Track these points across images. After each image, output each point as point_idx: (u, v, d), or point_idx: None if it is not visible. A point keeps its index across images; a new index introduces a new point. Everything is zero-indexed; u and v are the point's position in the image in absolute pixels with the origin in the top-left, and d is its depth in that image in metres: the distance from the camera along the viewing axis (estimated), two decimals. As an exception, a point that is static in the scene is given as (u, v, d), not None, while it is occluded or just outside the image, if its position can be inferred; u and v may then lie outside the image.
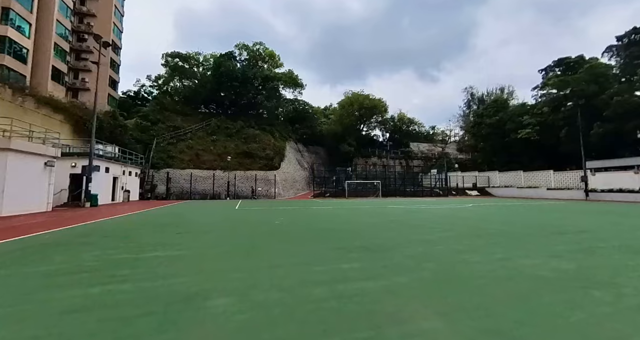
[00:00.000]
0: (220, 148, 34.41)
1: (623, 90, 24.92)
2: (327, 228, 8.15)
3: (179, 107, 40.82)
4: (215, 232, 7.57)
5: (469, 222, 9.72)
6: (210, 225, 8.96)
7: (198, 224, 9.45)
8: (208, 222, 9.82)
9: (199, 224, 9.27)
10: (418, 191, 36.07)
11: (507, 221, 9.95)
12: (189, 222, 9.78)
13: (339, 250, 5.18)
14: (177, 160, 30.80)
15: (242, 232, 7.65)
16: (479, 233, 7.20)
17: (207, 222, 9.82)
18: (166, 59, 45.32)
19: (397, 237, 6.58)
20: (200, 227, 8.49)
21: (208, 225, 9.11)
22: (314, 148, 49.43)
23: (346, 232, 7.33)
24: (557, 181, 31.61)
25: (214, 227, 8.70)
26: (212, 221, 10.20)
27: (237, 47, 45.77)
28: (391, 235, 6.85)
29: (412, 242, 6.04)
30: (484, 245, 5.67)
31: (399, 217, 11.10)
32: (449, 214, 12.23)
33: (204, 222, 10.02)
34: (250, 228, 8.42)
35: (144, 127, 32.52)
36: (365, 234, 7.12)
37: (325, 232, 7.35)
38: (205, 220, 10.40)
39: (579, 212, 13.80)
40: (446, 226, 8.46)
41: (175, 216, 12.03)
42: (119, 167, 21.15)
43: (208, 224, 9.47)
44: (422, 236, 6.71)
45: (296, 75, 45.29)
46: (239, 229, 8.31)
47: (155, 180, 28.18)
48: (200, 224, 9.28)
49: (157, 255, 4.79)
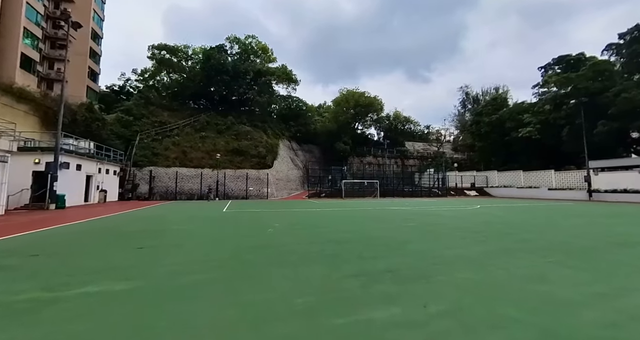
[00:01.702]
0: (210, 145, 32.43)
1: (630, 87, 24.12)
2: (334, 239, 6.57)
3: (166, 102, 38.58)
4: (189, 245, 5.89)
5: (499, 227, 8.28)
6: (186, 235, 7.26)
7: (173, 232, 7.74)
8: (186, 230, 8.12)
9: (174, 233, 7.56)
10: (416, 191, 34.88)
11: (547, 228, 8.56)
12: (163, 230, 8.05)
13: (360, 279, 3.62)
14: (162, 157, 28.71)
15: (224, 245, 6.00)
16: (530, 245, 5.75)
17: (184, 230, 8.11)
18: (152, 51, 42.88)
19: (427, 253, 5.06)
20: (173, 238, 6.79)
21: (184, 233, 7.41)
22: (308, 146, 47.80)
23: (359, 245, 5.78)
24: (558, 181, 30.86)
25: (190, 236, 7.01)
26: (191, 228, 8.49)
27: (228, 40, 43.66)
28: (418, 250, 5.33)
29: (454, 259, 4.52)
30: (558, 265, 4.19)
31: (411, 222, 9.62)
32: (464, 217, 10.83)
33: (181, 229, 8.31)
34: (236, 239, 6.77)
35: (126, 122, 30.26)
36: (385, 247, 5.58)
37: (333, 246, 5.77)
38: (183, 227, 8.68)
39: (609, 215, 12.59)
40: (480, 234, 7.00)
41: (150, 221, 10.25)
42: (94, 165, 19.10)
43: (185, 231, 7.77)
44: (460, 250, 5.21)
45: (290, 70, 43.49)
46: (221, 240, 6.65)
47: (137, 179, 26.07)
48: (175, 233, 7.57)
49: (85, 293, 3.12)
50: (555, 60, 35.22)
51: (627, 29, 28.06)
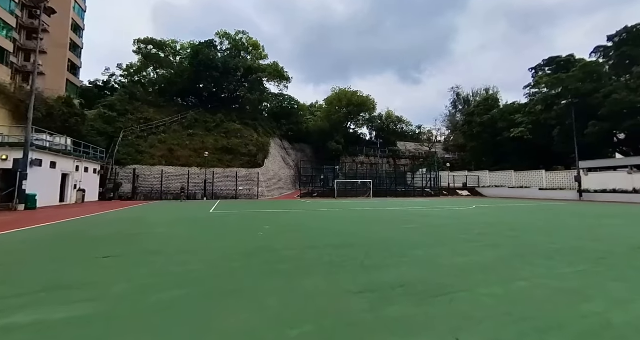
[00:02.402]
0: (198, 143, 31.30)
1: (620, 89, 24.37)
2: (332, 243, 5.91)
3: (152, 98, 37.15)
4: (166, 252, 5.13)
5: (503, 229, 7.77)
6: (165, 239, 6.47)
7: (150, 236, 6.93)
8: (166, 234, 7.31)
9: (151, 237, 6.76)
10: (409, 191, 34.63)
11: (553, 229, 8.13)
12: (139, 234, 7.23)
13: (367, 297, 2.98)
14: (147, 155, 27.47)
15: (207, 251, 5.26)
16: (543, 250, 5.23)
17: (164, 234, 7.31)
18: (138, 45, 41.26)
19: (437, 260, 4.46)
20: (149, 243, 6.00)
21: (163, 238, 6.61)
22: (299, 145, 47.03)
23: (360, 251, 5.14)
24: (549, 181, 31.10)
25: (170, 241, 6.23)
26: (172, 232, 7.69)
27: (218, 36, 42.41)
28: (426, 256, 4.72)
29: (468, 268, 3.93)
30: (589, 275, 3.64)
31: (411, 223, 9.06)
32: (463, 218, 10.36)
33: (160, 232, 7.50)
34: (222, 244, 6.03)
35: (108, 118, 28.83)
36: (389, 253, 4.95)
37: (331, 252, 5.12)
38: (163, 230, 7.87)
39: (608, 216, 12.37)
40: (486, 237, 6.47)
41: (127, 223, 9.37)
42: (71, 162, 17.88)
43: (165, 236, 6.97)
44: (471, 256, 4.63)
45: (282, 67, 42.53)
46: (205, 245, 5.90)
47: (120, 178, 24.80)
48: (152, 237, 6.77)
49: (8, 326, 2.36)
50: (546, 62, 35.56)
51: (616, 32, 28.44)
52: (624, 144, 30.22)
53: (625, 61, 27.59)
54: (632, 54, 27.03)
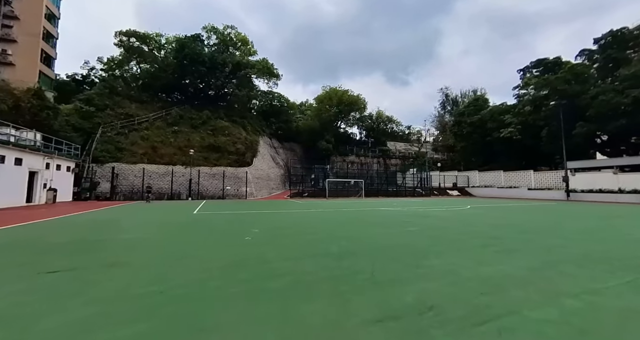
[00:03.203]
0: (183, 140, 29.91)
1: (607, 90, 24.74)
2: (331, 251, 5.15)
3: (134, 93, 35.32)
4: (133, 265, 4.24)
5: (511, 231, 7.21)
6: (135, 247, 5.54)
7: (118, 243, 5.97)
8: (138, 240, 6.36)
9: (119, 245, 5.80)
10: (400, 191, 34.32)
11: (565, 232, 7.65)
12: (106, 241, 6.25)
13: (388, 328, 2.23)
14: (127, 153, 25.92)
15: (183, 263, 4.39)
16: (571, 257, 4.64)
17: (135, 240, 6.35)
18: (120, 37, 39.24)
19: (459, 272, 3.78)
20: (113, 253, 5.06)
21: (133, 246, 5.67)
22: (289, 144, 46.09)
23: (366, 260, 4.40)
24: (537, 181, 31.42)
25: (140, 250, 5.31)
26: (146, 237, 6.73)
27: (205, 30, 40.89)
28: (444, 266, 4.03)
29: (502, 282, 3.25)
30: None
31: (412, 225, 8.41)
32: (464, 219, 9.83)
33: (131, 238, 6.53)
34: (204, 253, 5.16)
35: (86, 113, 27.06)
36: (400, 264, 4.24)
37: (332, 262, 4.36)
38: (136, 235, 6.90)
39: (608, 216, 12.15)
40: (499, 241, 5.85)
41: (96, 227, 8.31)
42: (40, 159, 16.39)
43: (136, 242, 6.02)
44: (497, 266, 3.97)
45: (271, 63, 41.47)
46: (182, 254, 5.01)
47: (98, 177, 23.21)
48: (120, 244, 5.81)
49: None
50: (534, 64, 36.04)
51: (602, 35, 28.98)
52: (607, 145, 30.88)
53: (611, 64, 28.15)
54: (617, 57, 27.61)
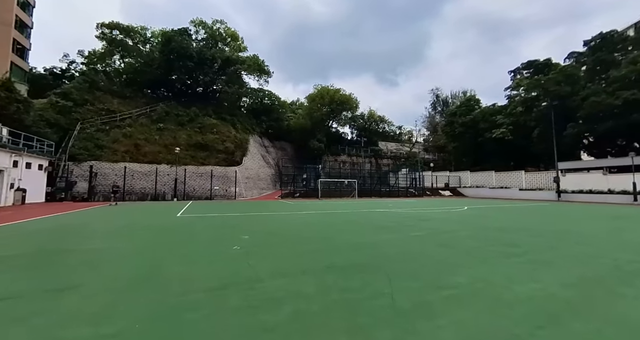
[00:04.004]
0: (169, 138, 28.56)
1: (598, 92, 24.95)
2: (335, 264, 4.37)
3: (117, 88, 33.61)
4: (86, 289, 3.35)
5: (525, 236, 6.61)
6: (96, 263, 4.61)
7: (79, 256, 5.02)
8: (102, 251, 5.41)
9: (79, 259, 4.85)
10: (393, 191, 33.90)
11: (582, 236, 7.12)
12: (65, 252, 5.28)
13: None
14: (108, 151, 24.43)
15: (151, 286, 3.53)
16: (617, 269, 4.03)
17: (99, 251, 5.40)
18: (102, 30, 37.31)
19: (496, 291, 3.08)
20: (69, 270, 4.13)
21: (95, 260, 4.74)
22: (280, 143, 45.12)
23: (379, 277, 3.65)
24: (528, 182, 31.58)
25: (101, 267, 4.39)
26: (114, 247, 5.79)
27: (193, 24, 39.44)
28: (477, 285, 3.32)
29: (561, 313, 2.55)
30: None
31: (416, 229, 7.74)
32: (467, 221, 9.26)
33: (95, 249, 5.57)
34: (181, 269, 4.29)
35: (62, 107, 25.36)
36: (421, 282, 3.51)
37: (339, 278, 3.59)
38: (101, 245, 5.93)
39: (612, 217, 11.83)
40: (521, 249, 5.21)
41: (59, 235, 7.27)
42: (7, 156, 14.96)
43: (99, 256, 5.07)
44: (537, 282, 3.29)
45: (262, 60, 40.35)
46: (152, 272, 4.13)
47: (74, 176, 21.70)
48: (81, 259, 4.86)
49: None
50: (524, 65, 36.36)
51: (592, 37, 29.31)
52: (594, 146, 31.32)
53: (600, 66, 28.48)
54: (606, 59, 27.95)
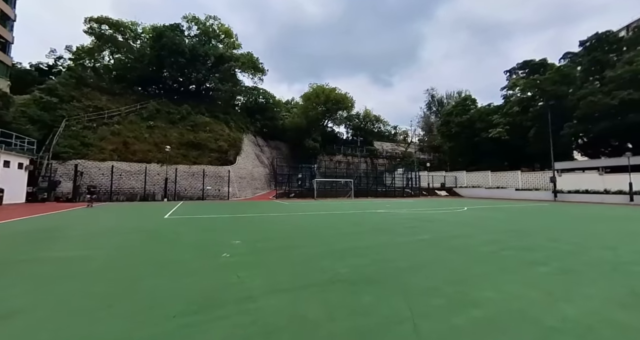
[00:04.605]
0: (159, 136, 27.63)
1: (595, 92, 24.91)
2: (341, 277, 3.79)
3: (106, 84, 32.49)
4: (29, 315, 2.71)
5: (540, 239, 6.12)
6: (59, 276, 3.94)
7: (40, 267, 4.33)
8: (71, 262, 4.73)
9: (40, 270, 4.17)
10: (389, 191, 33.51)
11: (603, 239, 6.68)
12: (23, 262, 4.59)
13: None
14: (95, 149, 23.44)
15: (118, 309, 2.89)
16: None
17: (64, 261, 4.71)
18: (91, 25, 36.07)
19: (535, 312, 2.55)
20: (21, 287, 3.47)
21: (59, 272, 4.07)
22: (275, 143, 44.36)
23: (393, 292, 3.08)
24: (525, 182, 31.51)
25: (63, 281, 3.73)
26: (84, 257, 5.10)
27: (186, 20, 38.39)
28: (511, 303, 2.78)
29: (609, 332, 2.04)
30: None
31: (420, 232, 7.21)
32: (472, 223, 8.79)
33: (60, 258, 4.88)
34: (158, 282, 3.65)
35: (47, 103, 24.25)
36: (440, 295, 2.94)
37: (347, 295, 3.02)
38: (67, 254, 5.24)
39: (619, 218, 11.50)
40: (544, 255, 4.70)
41: (26, 240, 6.53)
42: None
43: (65, 266, 4.40)
44: (581, 299, 2.76)
45: (257, 58, 39.57)
46: (124, 287, 3.50)
47: (59, 175, 20.69)
48: (41, 270, 4.18)
49: None
50: (520, 65, 36.37)
51: (587, 37, 29.40)
52: (588, 146, 31.43)
53: (596, 66, 28.54)
54: (602, 59, 28.02)
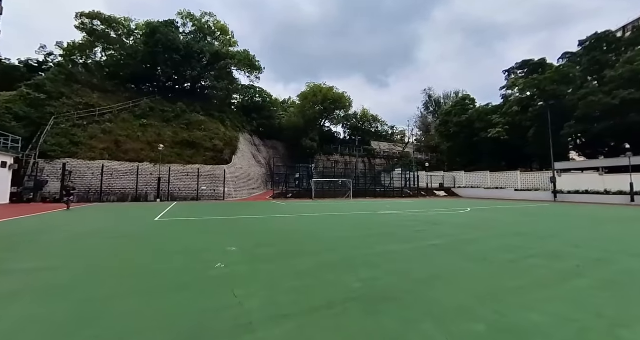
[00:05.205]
0: (152, 135, 26.84)
1: (595, 91, 24.73)
2: (354, 295, 3.26)
3: (97, 81, 31.58)
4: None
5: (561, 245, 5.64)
6: (13, 294, 3.35)
7: (3, 280, 3.74)
8: (31, 273, 4.10)
9: (2, 284, 3.58)
10: (388, 191, 33.09)
11: (629, 244, 6.23)
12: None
13: None
14: (85, 147, 22.60)
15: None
16: None
17: (28, 274, 4.09)
18: (82, 20, 35.08)
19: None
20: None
21: (25, 289, 3.47)
22: (271, 142, 43.73)
23: (420, 315, 2.55)
24: (524, 182, 31.29)
25: (15, 302, 3.14)
26: (51, 266, 4.48)
27: (181, 16, 37.61)
28: (567, 337, 2.28)
29: None
30: None
31: (429, 237, 6.70)
32: (480, 226, 8.32)
33: (25, 270, 4.25)
34: (139, 301, 3.07)
35: (34, 100, 23.35)
36: (475, 321, 2.42)
37: (367, 325, 2.48)
38: (35, 265, 4.60)
39: (629, 219, 11.13)
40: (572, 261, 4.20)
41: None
42: (-38, 152, 13.22)
43: (21, 282, 3.79)
44: (636, 326, 2.29)
45: (253, 55, 38.85)
46: (94, 310, 2.91)
47: (46, 175, 19.86)
48: (3, 284, 3.59)
49: None
50: (519, 65, 36.20)
51: (587, 37, 29.30)
52: (586, 146, 31.35)
53: (595, 66, 28.42)
54: (601, 59, 27.90)
